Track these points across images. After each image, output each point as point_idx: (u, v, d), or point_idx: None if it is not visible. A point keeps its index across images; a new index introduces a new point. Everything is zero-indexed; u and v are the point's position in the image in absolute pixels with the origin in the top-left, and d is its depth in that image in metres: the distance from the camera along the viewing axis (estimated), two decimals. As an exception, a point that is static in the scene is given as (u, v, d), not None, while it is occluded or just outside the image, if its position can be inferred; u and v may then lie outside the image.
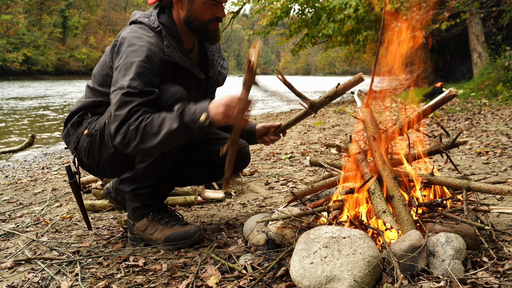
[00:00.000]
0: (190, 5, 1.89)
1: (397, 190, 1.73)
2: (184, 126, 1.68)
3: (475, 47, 10.72)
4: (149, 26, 1.90)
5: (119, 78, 1.78)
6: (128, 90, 1.73)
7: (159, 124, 1.68)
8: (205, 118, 1.66)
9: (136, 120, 1.70)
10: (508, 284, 1.37)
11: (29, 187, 3.73)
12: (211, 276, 1.61)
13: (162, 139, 1.68)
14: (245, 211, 2.58)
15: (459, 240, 1.50)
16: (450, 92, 1.81)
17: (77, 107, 2.04)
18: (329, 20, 12.33)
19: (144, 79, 1.76)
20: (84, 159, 2.02)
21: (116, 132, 1.74)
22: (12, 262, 1.89)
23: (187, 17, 1.91)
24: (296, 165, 3.89)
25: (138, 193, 2.00)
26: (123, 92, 1.74)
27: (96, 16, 57.55)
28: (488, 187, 1.68)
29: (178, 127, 1.67)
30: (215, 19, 1.92)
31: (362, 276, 1.36)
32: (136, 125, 1.70)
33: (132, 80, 1.74)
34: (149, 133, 1.69)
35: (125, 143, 1.74)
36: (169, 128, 1.67)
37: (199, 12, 1.89)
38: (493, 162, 3.40)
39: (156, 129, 1.68)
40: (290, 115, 10.16)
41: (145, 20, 1.92)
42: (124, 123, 1.72)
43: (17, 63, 41.68)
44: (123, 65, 1.80)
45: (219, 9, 1.91)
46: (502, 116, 6.10)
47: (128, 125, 1.71)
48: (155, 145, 1.71)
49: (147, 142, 1.71)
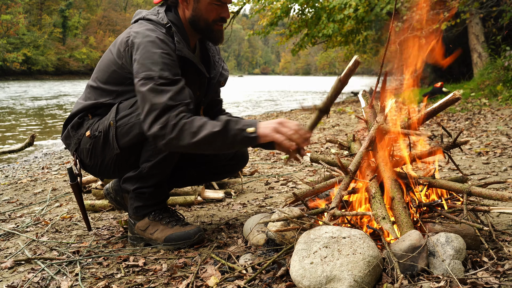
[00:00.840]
0: (196, 4, 1.90)
1: (398, 192, 1.73)
2: (227, 132, 1.69)
3: (475, 47, 10.72)
4: (158, 22, 1.91)
5: (143, 69, 1.77)
6: (160, 80, 1.73)
7: (199, 125, 1.69)
8: (252, 131, 1.69)
9: (176, 116, 1.70)
10: (508, 284, 1.37)
11: (29, 187, 3.73)
12: (211, 276, 1.61)
13: (197, 141, 1.69)
14: (245, 211, 2.58)
15: (459, 240, 1.50)
16: (454, 95, 1.81)
17: (77, 109, 2.03)
18: (329, 20, 12.32)
19: (171, 70, 1.78)
20: (86, 161, 2.01)
21: (155, 121, 1.71)
22: (12, 262, 1.89)
23: (193, 17, 1.93)
24: (296, 165, 3.89)
25: (142, 192, 2.01)
26: (155, 83, 1.73)
27: (96, 16, 57.56)
28: (489, 192, 1.67)
29: (220, 130, 1.68)
30: (219, 19, 1.94)
31: (362, 276, 1.36)
32: (176, 121, 1.69)
33: (162, 70, 1.75)
34: (187, 131, 1.69)
35: (161, 135, 1.71)
36: (209, 132, 1.68)
37: (204, 12, 1.91)
38: (493, 162, 3.40)
39: (196, 129, 1.69)
40: (289, 115, 10.16)
41: (153, 17, 1.93)
42: (164, 113, 1.70)
43: (17, 63, 41.68)
44: (145, 55, 1.79)
45: (224, 9, 1.93)
46: (502, 116, 6.10)
47: (168, 117, 1.70)
48: (188, 145, 1.71)
49: (183, 140, 1.70)
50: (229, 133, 1.69)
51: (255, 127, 1.69)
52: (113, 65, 1.93)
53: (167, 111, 1.70)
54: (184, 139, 1.70)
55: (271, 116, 10.50)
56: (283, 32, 14.95)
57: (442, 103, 1.87)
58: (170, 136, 1.70)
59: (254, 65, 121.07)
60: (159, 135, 1.71)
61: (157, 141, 1.74)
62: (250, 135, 1.69)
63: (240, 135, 1.70)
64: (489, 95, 8.39)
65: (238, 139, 1.70)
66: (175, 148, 1.76)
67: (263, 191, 3.06)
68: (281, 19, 13.86)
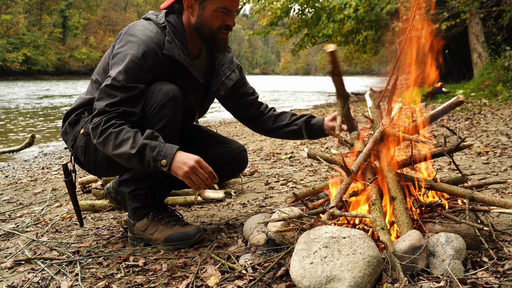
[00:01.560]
0: (201, 11, 1.89)
1: (400, 192, 1.72)
2: (142, 156, 1.73)
3: (475, 47, 10.72)
4: (155, 22, 1.94)
5: (111, 66, 1.85)
6: (112, 82, 1.79)
7: (122, 140, 1.74)
8: (165, 164, 1.73)
9: (107, 122, 1.76)
10: (508, 284, 1.37)
11: (29, 187, 3.73)
12: (211, 276, 1.61)
13: (116, 154, 1.77)
14: (245, 211, 2.58)
15: (459, 240, 1.50)
16: (458, 99, 1.81)
17: (76, 105, 2.05)
18: (329, 20, 12.33)
19: (131, 74, 1.80)
20: (81, 158, 2.03)
21: (93, 119, 1.81)
22: (12, 262, 1.89)
23: (197, 23, 1.92)
24: (296, 165, 3.89)
25: (138, 193, 2.01)
26: (107, 84, 1.80)
27: (96, 16, 57.55)
28: (492, 199, 1.67)
29: (134, 154, 1.73)
30: (224, 27, 1.93)
31: (362, 276, 1.36)
32: (105, 127, 1.76)
33: (119, 73, 1.80)
34: (111, 141, 1.75)
35: (93, 134, 1.80)
36: (126, 151, 1.73)
37: (209, 19, 1.90)
38: (493, 162, 3.40)
39: (118, 142, 1.75)
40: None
41: (153, 17, 1.97)
42: (99, 115, 1.79)
43: (17, 63, 41.67)
44: (119, 54, 1.85)
45: (229, 17, 1.91)
46: (502, 116, 6.10)
47: (101, 120, 1.77)
48: (110, 154, 1.80)
49: (107, 147, 1.78)
50: (144, 158, 1.74)
51: (170, 160, 1.72)
52: (108, 58, 1.96)
53: (102, 114, 1.78)
54: (107, 147, 1.78)
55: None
56: (283, 32, 14.96)
57: (445, 106, 1.87)
58: (97, 140, 1.79)
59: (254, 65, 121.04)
60: (92, 134, 1.81)
61: (92, 138, 1.82)
62: (162, 168, 1.73)
63: (153, 164, 1.74)
64: (489, 95, 8.38)
65: (152, 166, 1.75)
66: (103, 151, 1.83)
67: (263, 191, 3.06)
68: (281, 19, 13.87)
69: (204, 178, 1.76)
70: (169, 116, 1.84)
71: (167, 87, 1.84)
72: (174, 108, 1.85)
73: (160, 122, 1.84)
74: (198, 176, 1.75)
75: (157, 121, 1.84)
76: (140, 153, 1.72)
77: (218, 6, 1.86)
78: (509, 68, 8.29)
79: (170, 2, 1.95)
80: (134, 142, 1.73)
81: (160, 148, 1.73)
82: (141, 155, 1.72)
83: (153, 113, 1.83)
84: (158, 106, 1.82)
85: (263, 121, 2.33)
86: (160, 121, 1.84)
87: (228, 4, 1.87)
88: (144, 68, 1.82)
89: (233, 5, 1.89)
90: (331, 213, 1.64)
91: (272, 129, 2.33)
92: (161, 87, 1.84)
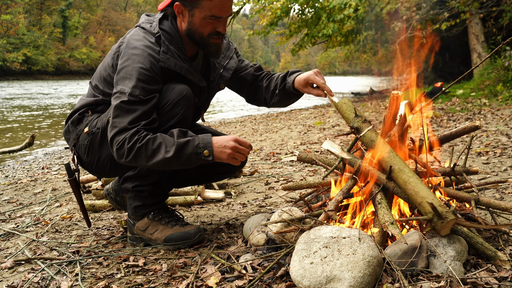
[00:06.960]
0: (191, 18, 1.88)
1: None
2: (180, 156, 1.75)
3: (475, 47, 10.71)
4: (150, 32, 1.92)
5: (121, 82, 1.82)
6: (129, 98, 1.78)
7: (154, 149, 1.75)
8: (208, 154, 1.77)
9: (131, 138, 1.75)
10: (508, 285, 1.37)
11: (29, 187, 3.73)
12: (211, 276, 1.61)
13: (153, 164, 1.78)
14: (245, 211, 2.58)
15: (461, 242, 1.50)
16: (473, 123, 1.83)
17: (79, 105, 2.06)
18: (329, 20, 12.33)
19: (146, 87, 1.81)
20: (84, 157, 2.02)
21: (112, 140, 1.79)
22: (12, 262, 1.89)
23: (188, 30, 1.91)
24: (296, 165, 3.89)
25: (141, 190, 2.01)
26: (124, 100, 1.78)
27: (96, 16, 57.53)
28: (498, 203, 1.71)
29: (171, 157, 1.74)
30: (215, 33, 1.91)
31: (362, 276, 1.36)
32: (131, 145, 1.75)
33: (134, 88, 1.79)
34: (143, 154, 1.76)
35: (119, 154, 1.79)
36: (162, 157, 1.75)
37: (199, 26, 1.89)
38: (493, 162, 3.40)
39: (150, 153, 1.76)
40: (290, 115, 10.16)
41: (147, 26, 1.95)
42: (121, 133, 1.77)
43: (17, 63, 41.65)
44: (125, 68, 1.83)
45: (219, 24, 1.89)
46: (502, 116, 6.10)
47: (125, 138, 1.76)
48: (146, 167, 1.82)
49: (140, 162, 1.79)
50: (182, 157, 1.76)
51: (211, 149, 1.77)
52: (109, 69, 1.96)
53: (124, 131, 1.77)
54: (140, 162, 1.79)
55: (270, 116, 10.50)
56: (283, 32, 14.96)
57: (459, 130, 1.89)
58: (126, 159, 1.78)
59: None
60: (117, 154, 1.80)
61: (118, 159, 1.82)
62: (206, 158, 1.77)
63: (195, 158, 1.77)
64: (489, 95, 8.38)
65: (194, 160, 1.78)
66: (136, 165, 1.85)
67: (263, 191, 3.06)
68: (281, 19, 13.88)
69: (245, 153, 1.83)
70: (181, 114, 1.87)
71: (180, 86, 1.88)
72: (187, 107, 1.88)
73: (173, 119, 1.86)
74: (241, 153, 1.81)
75: (169, 118, 1.86)
76: (177, 154, 1.75)
77: (207, 14, 1.85)
78: (509, 68, 8.29)
79: (167, 2, 1.94)
80: (167, 146, 1.75)
81: (196, 142, 1.77)
82: (178, 155, 1.75)
83: (166, 110, 1.86)
84: (171, 104, 1.85)
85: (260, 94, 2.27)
86: (172, 118, 1.86)
87: (216, 12, 1.84)
88: (155, 78, 1.84)
89: (222, 12, 1.86)
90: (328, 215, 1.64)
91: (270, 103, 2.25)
92: (174, 86, 1.87)
